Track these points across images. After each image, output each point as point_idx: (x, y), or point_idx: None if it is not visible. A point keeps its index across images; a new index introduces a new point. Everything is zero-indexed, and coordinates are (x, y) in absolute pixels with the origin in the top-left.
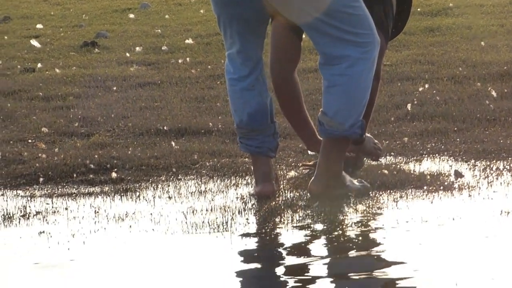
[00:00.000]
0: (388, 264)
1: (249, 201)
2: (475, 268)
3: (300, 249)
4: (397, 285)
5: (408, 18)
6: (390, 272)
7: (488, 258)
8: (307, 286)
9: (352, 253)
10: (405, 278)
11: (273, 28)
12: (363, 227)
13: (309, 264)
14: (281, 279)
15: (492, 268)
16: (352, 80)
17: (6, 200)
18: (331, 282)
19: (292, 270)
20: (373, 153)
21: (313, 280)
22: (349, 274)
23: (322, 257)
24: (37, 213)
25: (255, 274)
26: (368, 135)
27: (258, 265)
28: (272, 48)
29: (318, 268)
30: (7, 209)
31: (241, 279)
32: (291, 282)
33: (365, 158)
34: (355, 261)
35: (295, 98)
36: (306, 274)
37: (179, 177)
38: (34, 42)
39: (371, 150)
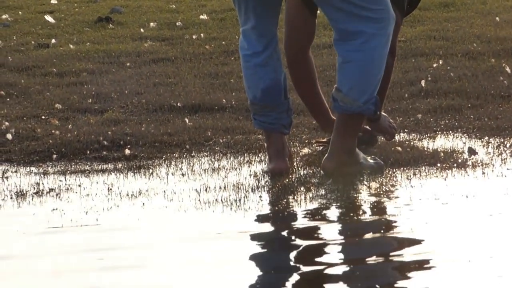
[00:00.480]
0: (401, 242)
1: (262, 178)
2: (488, 245)
3: (313, 227)
4: (411, 264)
5: None
6: (403, 251)
7: (501, 235)
8: (320, 265)
9: (365, 231)
10: (418, 255)
11: (287, 5)
12: (376, 204)
13: (322, 245)
14: (294, 257)
15: (505, 245)
16: (367, 56)
17: (20, 177)
18: (344, 259)
19: (305, 250)
20: (388, 131)
21: (326, 257)
22: (362, 252)
23: (335, 235)
24: (50, 190)
25: (268, 252)
26: (384, 113)
27: (271, 243)
28: (286, 25)
29: (331, 246)
30: (20, 186)
31: (254, 256)
32: (303, 261)
33: (379, 136)
34: (368, 240)
35: (309, 77)
36: (319, 252)
37: (192, 154)
38: (48, 18)
39: (387, 128)
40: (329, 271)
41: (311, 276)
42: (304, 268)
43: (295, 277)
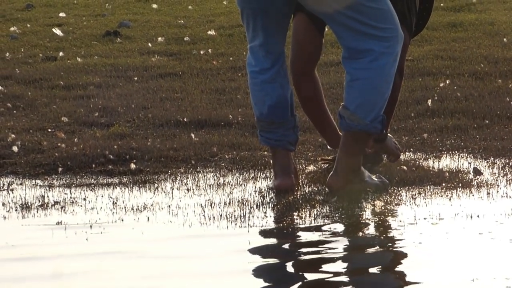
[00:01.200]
0: (405, 260)
1: (267, 195)
2: (492, 265)
3: (317, 245)
4: (414, 282)
5: (430, 15)
6: (406, 270)
7: (505, 256)
8: (324, 282)
9: (369, 250)
10: (422, 274)
11: (294, 23)
12: (381, 223)
13: (326, 260)
14: (298, 273)
15: (509, 266)
16: (375, 74)
17: (25, 190)
18: (348, 278)
19: (309, 265)
20: (394, 152)
21: (329, 275)
22: (365, 271)
23: (339, 253)
24: (55, 203)
25: (271, 268)
26: (389, 134)
27: (275, 260)
28: (293, 43)
29: (334, 263)
30: (25, 199)
31: (257, 272)
32: (307, 277)
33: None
34: (372, 258)
35: (315, 96)
36: (322, 269)
37: (197, 169)
38: (57, 31)
39: (392, 149)
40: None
41: None
42: (307, 285)
43: None
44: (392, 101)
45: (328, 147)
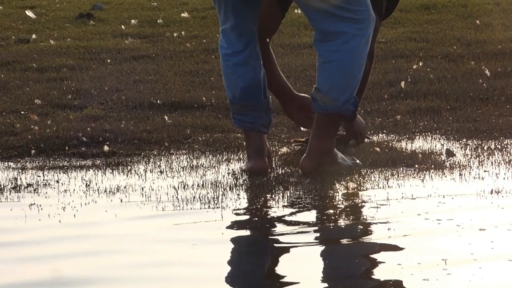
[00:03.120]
0: (378, 241)
1: (240, 177)
2: (462, 246)
3: (290, 226)
4: (386, 263)
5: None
6: (379, 250)
7: (477, 237)
8: (297, 260)
9: (342, 230)
10: (395, 254)
11: None
12: (353, 204)
13: (299, 240)
14: (271, 253)
15: (479, 247)
16: (347, 56)
17: None
18: (320, 257)
19: (282, 246)
20: (357, 137)
21: (302, 254)
22: (338, 251)
23: (311, 234)
24: (28, 185)
25: (245, 249)
26: (361, 120)
27: (248, 240)
28: None
29: (308, 245)
30: None
31: (231, 254)
32: (280, 256)
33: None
34: (344, 239)
35: (268, 62)
36: (295, 248)
37: (171, 152)
38: (29, 13)
39: (357, 133)
40: (305, 268)
41: (286, 272)
42: (279, 265)
43: (269, 273)
44: (363, 84)
45: (301, 128)
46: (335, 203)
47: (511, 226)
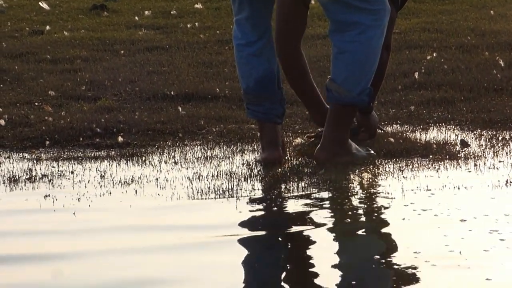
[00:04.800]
0: (392, 232)
1: (255, 168)
2: (478, 237)
3: (305, 216)
4: (401, 254)
5: None
6: (394, 241)
7: (492, 228)
8: (311, 252)
9: (356, 222)
10: (409, 247)
11: None
12: (368, 195)
13: (314, 231)
14: (285, 245)
15: (496, 238)
16: (362, 47)
17: (12, 163)
18: (335, 248)
19: (296, 237)
20: (370, 131)
21: (316, 246)
22: (353, 241)
23: (326, 224)
24: (43, 176)
25: (259, 240)
26: (376, 116)
27: (262, 232)
28: (278, 16)
29: (322, 235)
30: (13, 172)
31: (245, 245)
32: (295, 248)
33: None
34: (359, 230)
35: (301, 71)
36: (310, 240)
37: (185, 143)
38: (43, 5)
39: (371, 127)
40: (319, 258)
41: (301, 263)
42: (294, 256)
43: (284, 265)
44: (379, 76)
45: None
46: (349, 194)
47: None
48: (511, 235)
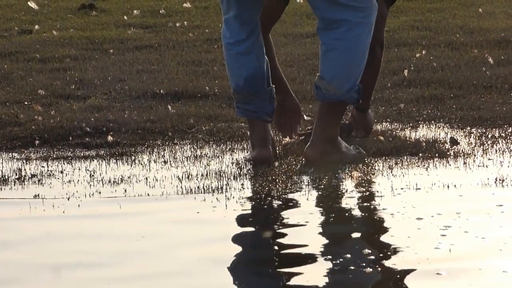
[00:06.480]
0: (382, 230)
1: (244, 166)
2: (468, 233)
3: (294, 215)
4: (390, 251)
5: None
6: (383, 239)
7: (481, 225)
8: (301, 250)
9: (346, 220)
10: (398, 244)
11: None
12: (357, 193)
13: (302, 229)
14: (275, 243)
15: (485, 234)
16: (350, 44)
17: (1, 163)
18: (325, 246)
19: (286, 235)
20: (366, 129)
21: (306, 244)
22: (342, 239)
23: (316, 222)
24: (33, 176)
25: (249, 238)
26: (372, 116)
27: (252, 230)
28: None
29: (311, 233)
30: (2, 172)
31: (235, 243)
32: (284, 246)
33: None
34: (348, 228)
35: (269, 56)
36: (300, 238)
37: (174, 141)
38: (32, 4)
39: (367, 125)
40: (309, 256)
41: (291, 259)
42: (284, 254)
43: (274, 261)
44: (374, 73)
45: (304, 116)
46: (339, 192)
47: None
48: (497, 232)
